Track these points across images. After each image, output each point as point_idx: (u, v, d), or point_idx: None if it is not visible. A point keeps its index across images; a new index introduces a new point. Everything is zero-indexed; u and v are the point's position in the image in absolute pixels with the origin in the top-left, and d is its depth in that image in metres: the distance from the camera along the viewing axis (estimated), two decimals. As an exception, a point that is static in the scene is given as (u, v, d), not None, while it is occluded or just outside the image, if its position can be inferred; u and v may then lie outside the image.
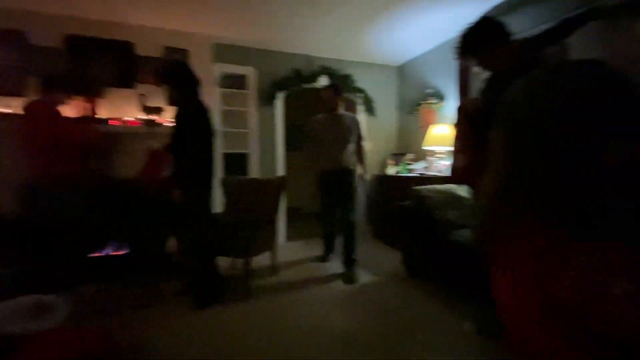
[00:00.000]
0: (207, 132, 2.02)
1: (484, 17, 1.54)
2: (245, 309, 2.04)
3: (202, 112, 2.03)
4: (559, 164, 0.52)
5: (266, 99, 3.46)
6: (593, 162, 0.49)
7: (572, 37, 2.04)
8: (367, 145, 3.91)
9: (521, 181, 0.58)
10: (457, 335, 1.69)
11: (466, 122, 1.62)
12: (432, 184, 2.69)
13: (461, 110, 1.65)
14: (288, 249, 3.36)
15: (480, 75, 2.76)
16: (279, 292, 2.29)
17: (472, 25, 1.52)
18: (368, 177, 3.13)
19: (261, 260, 2.59)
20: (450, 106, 3.19)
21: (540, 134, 0.54)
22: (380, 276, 2.60)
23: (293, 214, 4.49)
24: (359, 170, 2.82)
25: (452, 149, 1.67)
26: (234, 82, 3.40)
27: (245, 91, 3.42)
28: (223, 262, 2.30)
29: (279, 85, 3.46)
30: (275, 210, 2.48)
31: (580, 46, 2.08)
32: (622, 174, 0.50)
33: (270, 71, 3.45)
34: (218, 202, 2.85)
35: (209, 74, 3.14)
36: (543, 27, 2.14)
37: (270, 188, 2.56)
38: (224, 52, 3.27)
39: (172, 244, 2.47)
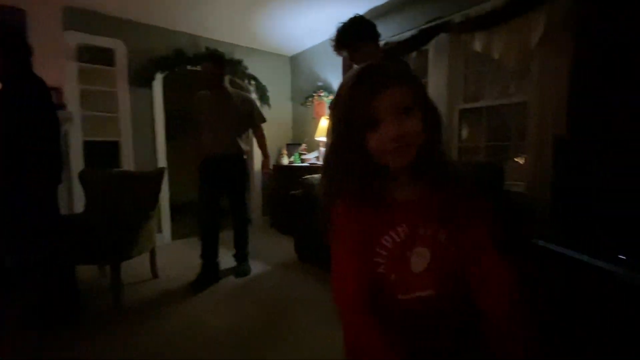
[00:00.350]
0: (48, 115, 1.63)
1: (358, 16, 1.65)
2: (114, 320, 1.77)
3: (40, 90, 1.62)
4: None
5: (141, 80, 3.01)
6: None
7: (428, 45, 2.40)
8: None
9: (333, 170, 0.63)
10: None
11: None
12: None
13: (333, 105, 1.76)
14: (173, 249, 3.07)
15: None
16: (159, 297, 2.06)
17: (347, 21, 1.62)
18: (271, 165, 2.82)
19: (141, 263, 2.30)
20: (338, 99, 3.38)
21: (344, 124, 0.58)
22: (273, 265, 2.61)
23: (179, 210, 4.13)
24: (260, 158, 2.62)
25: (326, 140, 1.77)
26: (97, 56, 2.84)
27: (111, 68, 2.90)
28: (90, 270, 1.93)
29: (157, 64, 3.04)
30: (152, 206, 2.20)
31: (433, 53, 2.45)
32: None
33: (145, 48, 3.00)
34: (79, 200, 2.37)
35: (57, 43, 2.55)
36: (405, 34, 2.46)
37: (147, 181, 2.25)
38: (82, 18, 2.69)
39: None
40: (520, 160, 2.20)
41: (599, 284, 1.30)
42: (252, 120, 2.45)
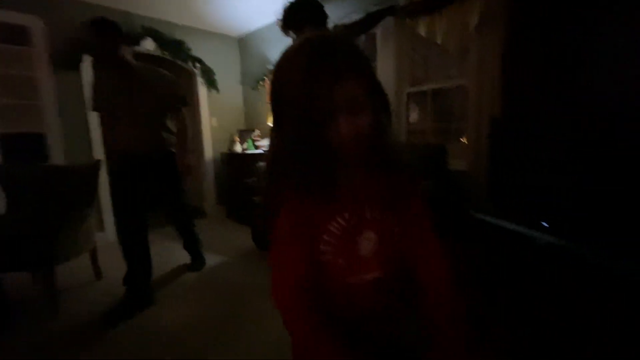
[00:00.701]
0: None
1: None
2: (52, 330, 1.62)
3: None
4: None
5: (66, 63, 2.67)
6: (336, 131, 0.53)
7: (376, 28, 2.42)
8: (212, 121, 3.71)
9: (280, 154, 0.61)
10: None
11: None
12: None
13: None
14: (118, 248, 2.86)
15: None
16: (105, 299, 1.92)
17: (294, 1, 1.57)
18: (194, 162, 2.13)
19: (81, 265, 2.11)
20: (290, 83, 3.30)
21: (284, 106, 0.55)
22: (231, 256, 2.55)
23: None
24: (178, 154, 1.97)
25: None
26: (8, 35, 2.46)
27: (28, 48, 2.53)
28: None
29: (85, 45, 2.71)
30: (88, 203, 2.01)
31: (381, 37, 2.48)
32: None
33: (69, 26, 2.65)
34: (-3, 201, 2.09)
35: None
36: (354, 17, 2.45)
37: (79, 176, 2.04)
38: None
39: None
40: (465, 141, 2.35)
41: (525, 248, 1.46)
42: (175, 104, 1.93)
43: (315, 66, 0.49)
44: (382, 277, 0.62)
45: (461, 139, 2.36)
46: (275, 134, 0.61)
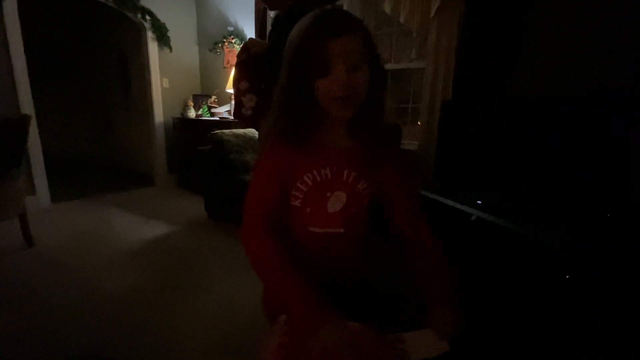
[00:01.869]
0: None
1: None
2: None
3: None
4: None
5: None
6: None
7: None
8: (163, 82, 3.43)
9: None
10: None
11: (252, 63, 1.63)
12: (235, 127, 2.68)
13: (247, 50, 1.63)
14: (52, 213, 2.63)
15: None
16: (37, 267, 1.78)
17: None
18: None
19: (10, 230, 1.93)
20: (251, 49, 3.14)
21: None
22: (182, 224, 2.48)
23: (59, 168, 3.52)
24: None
25: (235, 89, 1.66)
26: None
27: None
28: None
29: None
30: (15, 162, 1.79)
31: (346, 9, 2.44)
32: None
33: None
34: None
35: None
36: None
37: (5, 133, 1.80)
38: None
39: None
40: (420, 123, 2.46)
41: (463, 224, 1.62)
42: None
43: (314, 25, 0.55)
44: (344, 233, 0.69)
45: (419, 123, 2.47)
46: (279, 89, 0.63)
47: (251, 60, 1.61)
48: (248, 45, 1.63)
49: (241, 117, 1.81)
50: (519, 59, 1.73)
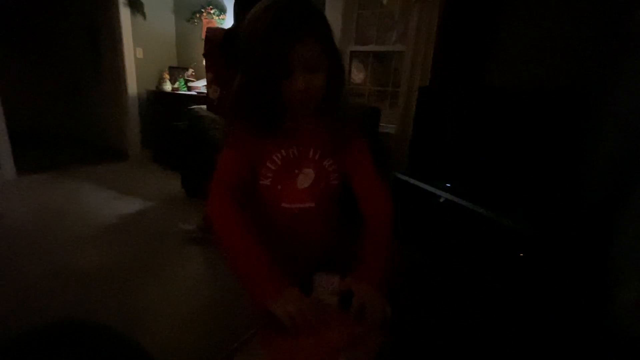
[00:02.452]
0: None
1: None
2: None
3: None
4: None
5: None
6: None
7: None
8: (137, 52, 3.26)
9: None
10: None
11: (216, 51, 1.60)
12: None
13: (209, 40, 1.61)
14: (18, 186, 2.52)
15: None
16: (4, 241, 1.73)
17: None
18: None
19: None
20: (230, 21, 3.02)
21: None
22: (158, 201, 2.45)
23: (25, 139, 3.33)
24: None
25: (206, 81, 1.66)
26: None
27: None
28: None
29: None
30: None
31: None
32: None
33: None
34: None
35: None
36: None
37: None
38: None
39: None
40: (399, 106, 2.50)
41: (432, 205, 1.71)
42: None
43: (277, 27, 0.54)
44: (314, 208, 0.73)
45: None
46: (239, 76, 0.64)
47: (213, 50, 1.59)
48: (209, 36, 1.62)
49: (210, 109, 1.83)
50: (497, 50, 1.79)
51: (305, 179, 0.70)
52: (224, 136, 0.71)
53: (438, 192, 1.65)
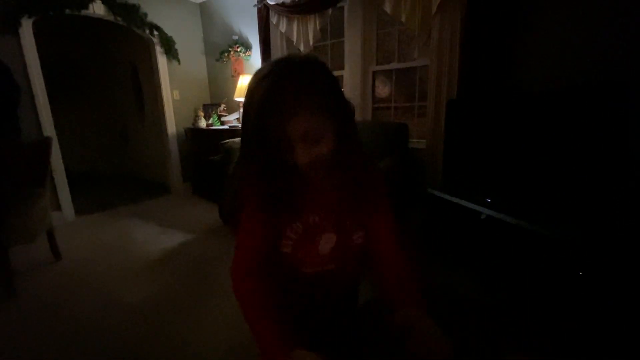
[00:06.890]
0: None
1: None
2: (10, 309, 1.58)
3: None
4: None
5: (3, 26, 2.39)
6: None
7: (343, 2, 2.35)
8: (174, 94, 3.54)
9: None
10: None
11: None
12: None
13: None
14: (77, 227, 2.76)
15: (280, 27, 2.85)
16: (65, 280, 1.88)
17: None
18: None
19: (39, 246, 2.05)
20: (257, 57, 3.19)
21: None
22: (197, 232, 2.56)
23: (79, 181, 3.67)
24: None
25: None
26: None
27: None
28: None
29: (22, 6, 2.43)
30: (40, 182, 1.90)
31: (348, 12, 2.43)
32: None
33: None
34: None
35: None
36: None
37: (27, 154, 1.91)
38: None
39: None
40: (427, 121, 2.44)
41: (472, 221, 1.61)
42: None
43: (271, 102, 0.50)
44: (335, 269, 0.69)
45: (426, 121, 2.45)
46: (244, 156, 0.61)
47: None
48: None
49: None
50: (523, 53, 1.71)
51: (327, 243, 0.67)
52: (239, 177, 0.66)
53: (478, 207, 1.56)
